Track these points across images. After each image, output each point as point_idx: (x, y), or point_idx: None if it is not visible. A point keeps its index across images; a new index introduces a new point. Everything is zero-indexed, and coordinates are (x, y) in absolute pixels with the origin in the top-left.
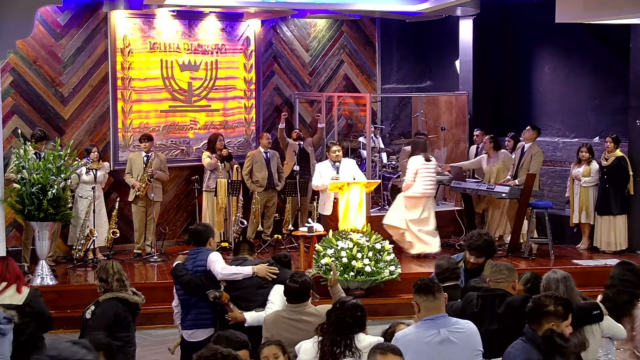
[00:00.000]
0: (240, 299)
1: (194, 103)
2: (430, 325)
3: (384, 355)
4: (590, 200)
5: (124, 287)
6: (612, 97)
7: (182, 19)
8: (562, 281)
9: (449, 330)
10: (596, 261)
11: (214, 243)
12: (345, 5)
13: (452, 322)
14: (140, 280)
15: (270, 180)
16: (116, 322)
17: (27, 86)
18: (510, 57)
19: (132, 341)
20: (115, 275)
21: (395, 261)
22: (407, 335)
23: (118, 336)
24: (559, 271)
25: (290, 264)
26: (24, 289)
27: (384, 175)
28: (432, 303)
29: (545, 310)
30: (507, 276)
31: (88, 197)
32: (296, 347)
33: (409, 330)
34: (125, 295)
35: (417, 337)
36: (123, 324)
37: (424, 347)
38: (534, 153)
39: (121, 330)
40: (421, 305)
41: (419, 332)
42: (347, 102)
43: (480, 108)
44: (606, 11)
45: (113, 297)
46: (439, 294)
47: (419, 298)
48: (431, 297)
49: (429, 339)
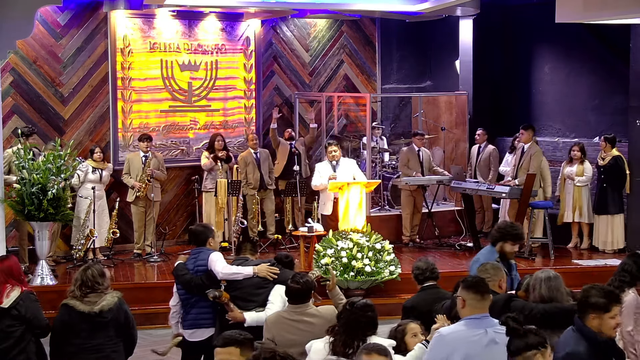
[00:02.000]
0: (240, 299)
1: (194, 103)
2: (477, 324)
3: (369, 355)
4: (583, 200)
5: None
6: (612, 97)
7: (182, 19)
8: (545, 281)
9: (495, 330)
10: (596, 261)
11: (214, 243)
12: (345, 5)
13: (494, 323)
14: (140, 280)
15: (262, 181)
16: (65, 329)
17: (27, 86)
18: (510, 57)
19: (93, 348)
20: (79, 281)
21: (395, 261)
22: (455, 332)
23: (72, 342)
24: (547, 271)
25: (292, 264)
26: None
27: (384, 175)
28: (479, 302)
29: (589, 302)
30: (492, 275)
31: (89, 197)
32: (307, 346)
33: (455, 328)
34: (73, 302)
35: (466, 335)
36: (74, 331)
37: (473, 346)
38: (533, 153)
39: (73, 337)
40: (468, 303)
41: (467, 331)
42: (347, 102)
43: (480, 108)
44: (606, 11)
45: (64, 304)
46: (487, 294)
47: (467, 295)
48: (479, 297)
49: (477, 337)
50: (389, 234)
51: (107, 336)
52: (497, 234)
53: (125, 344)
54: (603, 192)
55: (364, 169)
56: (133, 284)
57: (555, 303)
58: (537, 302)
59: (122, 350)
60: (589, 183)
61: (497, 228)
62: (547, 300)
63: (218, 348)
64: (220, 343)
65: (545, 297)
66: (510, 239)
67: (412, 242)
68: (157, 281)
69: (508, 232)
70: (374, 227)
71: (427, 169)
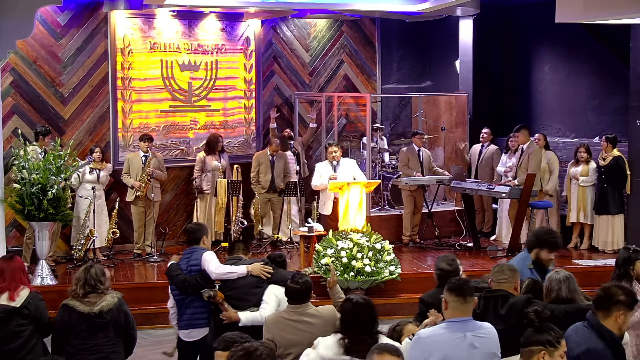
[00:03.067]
0: (234, 299)
1: (194, 103)
2: (458, 327)
3: (381, 355)
4: (587, 200)
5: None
6: (612, 97)
7: (182, 19)
8: (565, 282)
9: (474, 334)
10: (596, 261)
11: (207, 241)
12: (345, 5)
13: (477, 327)
14: (140, 280)
15: (272, 183)
16: (64, 329)
17: (27, 86)
18: (510, 57)
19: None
20: (80, 281)
21: (395, 261)
22: (434, 335)
23: (71, 343)
24: (562, 271)
25: (285, 263)
26: (23, 291)
27: (384, 175)
28: (462, 305)
29: (617, 299)
30: (509, 277)
31: (88, 197)
32: (315, 342)
33: (434, 330)
34: (73, 302)
35: (445, 339)
36: (73, 332)
37: (452, 349)
38: (531, 152)
39: (73, 337)
40: (450, 305)
41: (446, 334)
42: (347, 102)
43: (480, 108)
44: (606, 11)
45: (64, 304)
46: (470, 297)
47: (449, 297)
48: (462, 299)
49: (456, 341)
50: (389, 234)
51: (107, 337)
52: (534, 240)
53: (125, 344)
54: (604, 192)
55: (364, 169)
56: (133, 284)
57: (575, 304)
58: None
59: (122, 351)
60: (593, 183)
61: (534, 234)
62: (567, 301)
63: (220, 351)
64: (222, 346)
65: (565, 298)
66: (547, 246)
67: (412, 242)
68: (157, 281)
69: (545, 240)
70: (374, 227)
71: (427, 169)
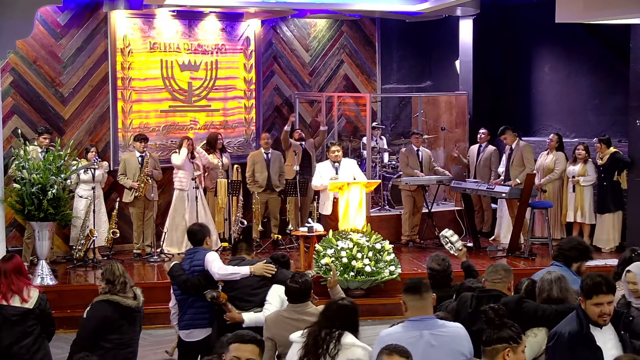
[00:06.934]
0: (237, 299)
1: (194, 103)
2: (415, 326)
3: (390, 356)
4: (585, 200)
5: (124, 289)
6: (612, 97)
7: (182, 19)
8: (556, 282)
9: (432, 333)
10: (596, 261)
11: (210, 242)
12: (345, 5)
13: (437, 325)
14: (139, 280)
15: (269, 181)
16: (105, 325)
17: (27, 86)
18: (510, 57)
19: (126, 343)
20: (121, 277)
21: (395, 261)
22: (392, 334)
23: (108, 338)
24: (554, 272)
25: (288, 263)
26: (33, 292)
27: (384, 175)
28: (418, 302)
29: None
30: (503, 277)
31: (88, 196)
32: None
33: (394, 330)
34: (117, 298)
35: (401, 338)
36: (113, 327)
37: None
38: (522, 147)
39: (112, 332)
40: (408, 305)
41: (403, 333)
42: (347, 102)
43: (480, 108)
44: (606, 11)
45: (104, 300)
46: (427, 294)
47: (406, 297)
48: (417, 297)
49: (413, 340)
50: (389, 234)
51: (135, 331)
52: (577, 254)
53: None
54: (604, 191)
55: (364, 169)
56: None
57: (567, 304)
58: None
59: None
60: (592, 183)
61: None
62: (558, 301)
63: (238, 344)
64: (242, 340)
65: (557, 298)
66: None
67: (411, 242)
68: (157, 281)
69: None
70: (374, 227)
71: (427, 169)
